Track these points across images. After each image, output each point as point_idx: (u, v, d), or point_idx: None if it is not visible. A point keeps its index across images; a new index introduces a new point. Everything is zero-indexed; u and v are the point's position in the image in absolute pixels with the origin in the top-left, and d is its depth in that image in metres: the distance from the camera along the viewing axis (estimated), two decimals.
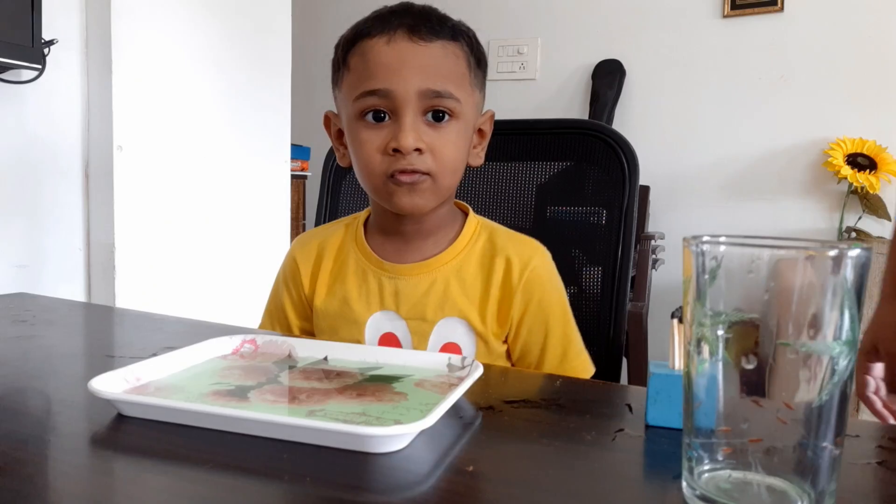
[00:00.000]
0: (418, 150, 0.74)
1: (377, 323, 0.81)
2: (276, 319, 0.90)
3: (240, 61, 1.87)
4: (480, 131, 0.84)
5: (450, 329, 0.80)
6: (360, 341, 0.82)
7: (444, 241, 0.83)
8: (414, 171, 0.74)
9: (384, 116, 0.75)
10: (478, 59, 0.81)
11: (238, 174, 1.89)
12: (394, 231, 0.84)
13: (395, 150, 0.74)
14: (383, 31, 0.75)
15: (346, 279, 0.85)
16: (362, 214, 0.91)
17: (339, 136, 0.84)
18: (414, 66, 0.74)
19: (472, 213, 0.86)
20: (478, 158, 0.84)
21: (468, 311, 0.80)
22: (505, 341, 0.82)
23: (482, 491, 0.38)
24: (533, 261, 0.80)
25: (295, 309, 0.89)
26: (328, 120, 0.86)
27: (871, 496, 0.40)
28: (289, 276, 0.89)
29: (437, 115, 0.75)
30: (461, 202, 0.88)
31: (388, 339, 0.81)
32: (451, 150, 0.77)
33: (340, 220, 0.93)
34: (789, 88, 2.64)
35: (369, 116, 0.75)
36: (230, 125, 1.86)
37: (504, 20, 3.07)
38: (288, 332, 0.88)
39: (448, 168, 0.77)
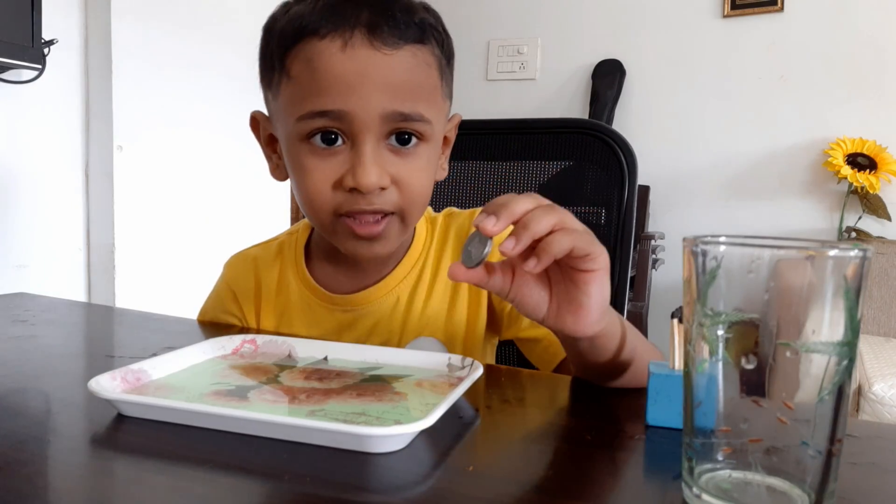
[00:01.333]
0: (381, 187, 0.61)
1: None
2: None
3: (240, 61, 1.87)
4: (444, 139, 0.71)
5: (418, 349, 0.71)
6: None
7: (400, 252, 0.73)
8: (376, 213, 0.62)
9: (336, 139, 0.61)
10: (448, 57, 0.67)
11: (238, 174, 1.89)
12: (345, 260, 0.72)
13: (353, 189, 0.61)
14: (336, 30, 0.59)
15: (292, 318, 0.74)
16: (302, 229, 0.78)
17: (270, 141, 0.70)
18: (377, 82, 0.59)
19: None
20: (442, 171, 0.72)
21: (435, 326, 0.72)
22: (498, 334, 0.77)
23: (482, 491, 0.38)
24: None
25: None
26: (255, 122, 0.72)
27: (871, 496, 0.40)
28: (229, 309, 0.79)
29: (403, 138, 0.63)
30: None
31: None
32: (420, 180, 0.64)
33: (277, 236, 0.80)
34: (789, 88, 2.64)
35: (317, 138, 0.61)
36: (230, 125, 1.85)
37: (504, 20, 3.07)
38: None
39: (418, 202, 0.65)
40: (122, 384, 0.51)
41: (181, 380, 0.55)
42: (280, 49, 0.63)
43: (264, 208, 1.98)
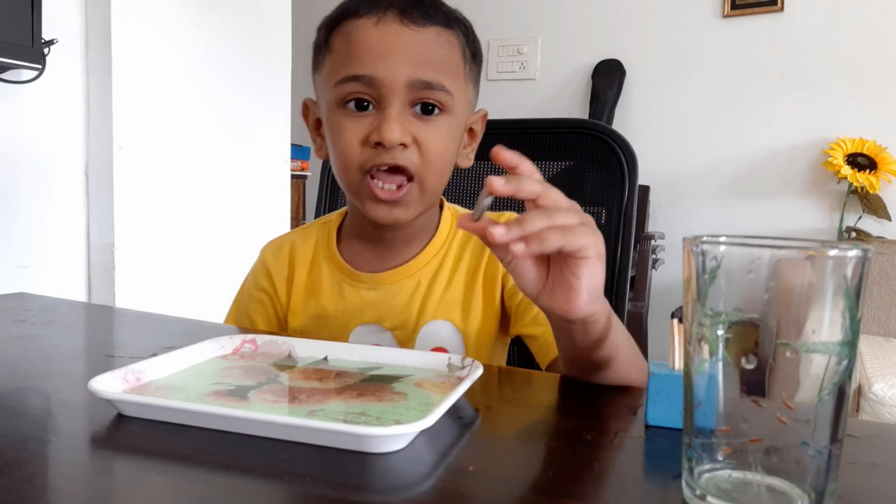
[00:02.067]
0: (403, 144, 0.68)
1: (360, 338, 0.78)
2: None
3: (240, 61, 1.87)
4: (471, 131, 0.79)
5: (434, 333, 0.76)
6: None
7: (424, 239, 0.79)
8: (396, 169, 0.69)
9: (367, 105, 0.69)
10: (473, 51, 0.75)
11: (238, 174, 1.89)
12: (373, 238, 0.79)
13: (378, 144, 0.68)
14: (372, 11, 0.69)
15: (321, 294, 0.80)
16: (335, 217, 0.85)
17: (317, 125, 0.78)
18: (404, 52, 0.68)
19: (446, 205, 0.82)
20: (467, 160, 0.79)
21: (452, 312, 0.77)
22: (507, 333, 0.79)
23: (482, 491, 0.38)
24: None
25: (268, 324, 0.84)
26: (306, 108, 0.80)
27: (871, 496, 0.40)
28: (263, 286, 0.84)
29: (427, 108, 0.70)
30: None
31: None
32: (439, 146, 0.70)
33: (312, 223, 0.87)
34: (789, 88, 2.64)
35: (351, 104, 0.70)
36: (230, 125, 1.86)
37: (504, 20, 3.07)
38: None
39: (435, 167, 0.71)
40: (122, 384, 0.51)
41: (181, 380, 0.55)
42: (326, 32, 0.73)
43: (264, 208, 1.98)
